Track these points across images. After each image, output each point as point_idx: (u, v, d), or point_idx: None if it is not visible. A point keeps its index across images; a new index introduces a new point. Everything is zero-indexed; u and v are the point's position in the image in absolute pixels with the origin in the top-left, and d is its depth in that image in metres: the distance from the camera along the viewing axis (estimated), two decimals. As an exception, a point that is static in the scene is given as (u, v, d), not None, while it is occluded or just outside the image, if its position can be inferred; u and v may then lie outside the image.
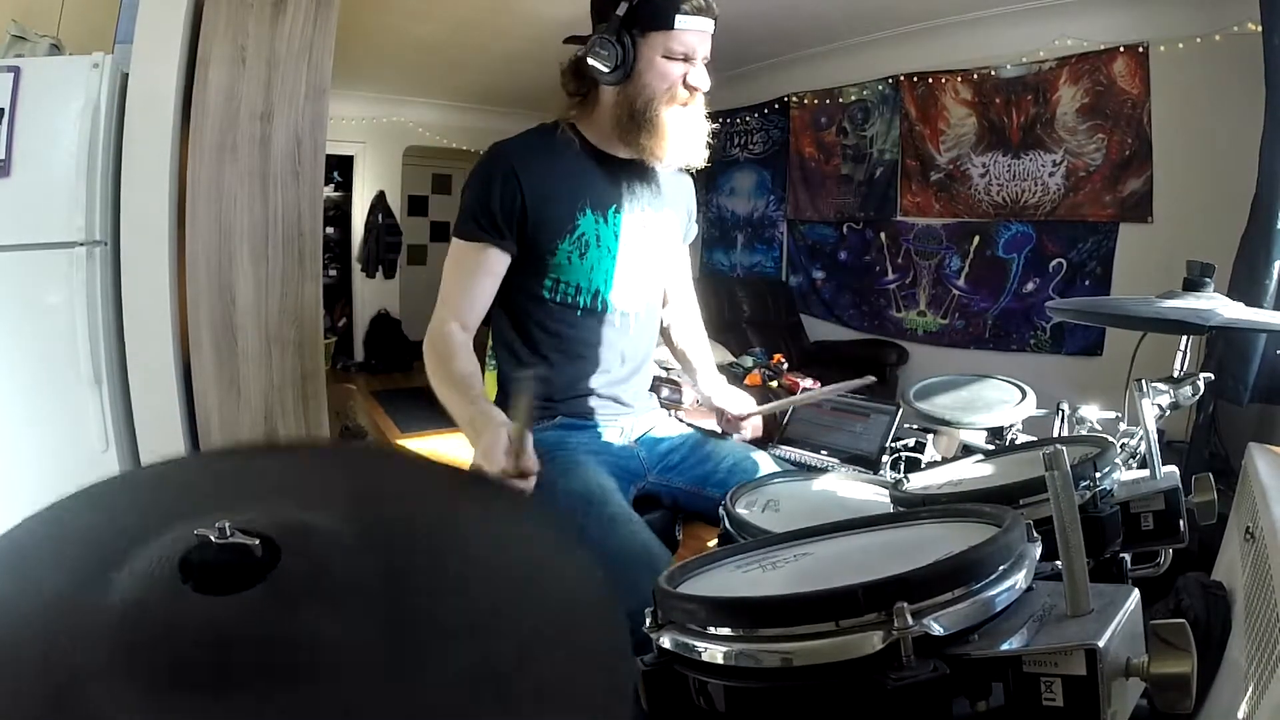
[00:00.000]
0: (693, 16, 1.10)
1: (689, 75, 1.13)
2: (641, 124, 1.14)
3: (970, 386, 1.41)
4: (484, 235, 1.16)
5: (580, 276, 1.21)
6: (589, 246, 1.20)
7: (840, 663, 0.49)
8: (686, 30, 1.10)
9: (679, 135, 1.16)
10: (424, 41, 4.07)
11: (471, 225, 1.16)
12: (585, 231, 1.20)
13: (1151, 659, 0.48)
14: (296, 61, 2.08)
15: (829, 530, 0.74)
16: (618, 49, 1.10)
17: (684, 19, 1.09)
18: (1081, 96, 3.22)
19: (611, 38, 1.10)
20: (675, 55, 1.12)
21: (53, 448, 1.95)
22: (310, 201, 2.15)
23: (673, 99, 1.14)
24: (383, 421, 4.44)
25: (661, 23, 1.09)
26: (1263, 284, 2.09)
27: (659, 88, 1.13)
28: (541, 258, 1.19)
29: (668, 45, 1.11)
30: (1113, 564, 0.84)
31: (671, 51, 1.11)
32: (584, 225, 1.20)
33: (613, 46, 1.10)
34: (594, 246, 1.21)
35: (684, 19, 1.09)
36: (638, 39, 1.11)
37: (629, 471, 1.24)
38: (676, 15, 1.09)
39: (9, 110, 1.86)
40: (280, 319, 2.13)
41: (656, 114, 1.14)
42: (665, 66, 1.12)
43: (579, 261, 1.20)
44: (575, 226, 1.19)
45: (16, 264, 1.89)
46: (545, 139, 1.21)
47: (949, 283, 3.83)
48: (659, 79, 1.12)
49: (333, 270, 5.91)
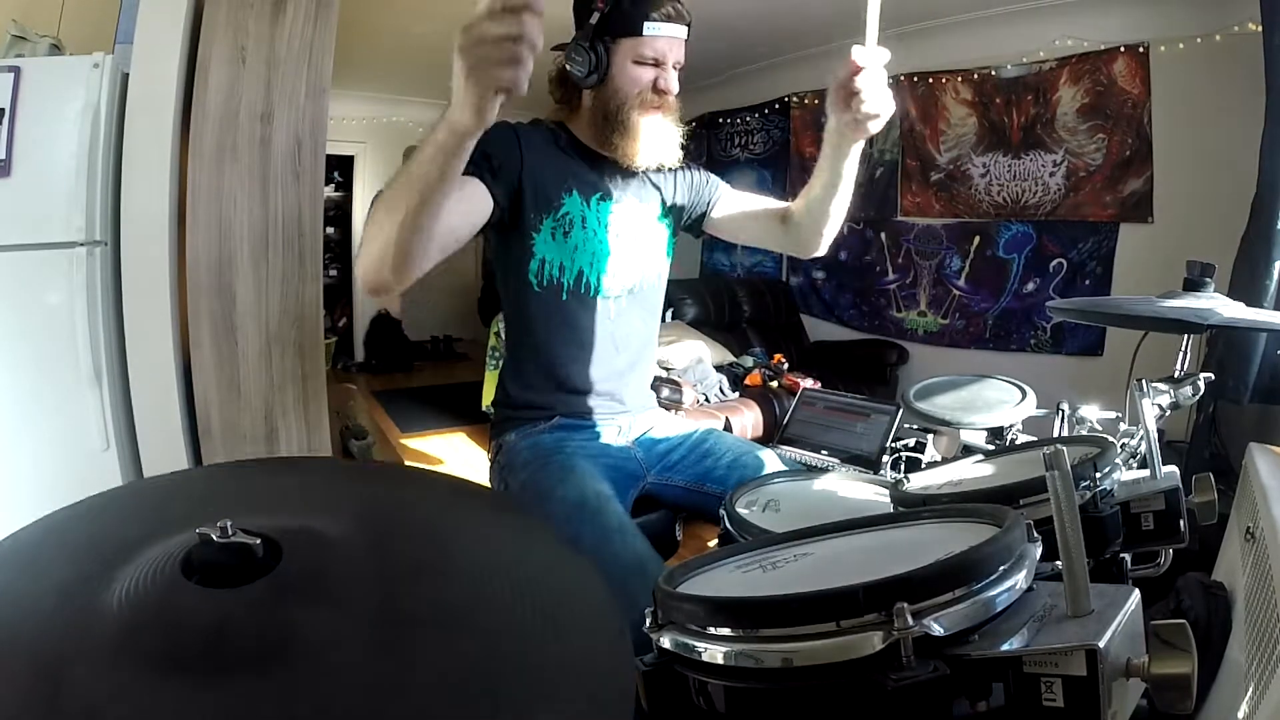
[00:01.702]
0: (661, 23, 1.15)
1: (659, 80, 1.18)
2: (615, 126, 1.19)
3: (970, 387, 1.41)
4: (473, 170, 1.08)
5: (563, 255, 1.23)
6: (573, 226, 1.22)
7: (840, 663, 0.49)
8: (656, 36, 1.15)
9: (650, 138, 1.20)
10: (424, 41, 4.05)
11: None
12: (570, 211, 1.22)
13: (1152, 659, 0.48)
14: (297, 61, 2.08)
15: (829, 530, 0.74)
16: (591, 55, 1.16)
17: (652, 25, 1.14)
18: (1082, 96, 3.22)
19: (586, 44, 1.15)
20: (645, 60, 1.17)
21: (53, 447, 1.95)
22: (311, 202, 2.15)
23: (644, 103, 1.19)
24: (383, 421, 4.44)
25: (631, 29, 1.15)
26: (1263, 284, 2.09)
27: (630, 92, 1.18)
28: (526, 235, 1.20)
29: (638, 51, 1.16)
30: (1113, 564, 0.84)
31: (641, 57, 1.17)
32: (569, 205, 1.22)
33: (586, 53, 1.16)
34: (578, 228, 1.23)
35: (652, 25, 1.14)
36: (610, 45, 1.16)
37: (628, 474, 1.24)
38: (645, 22, 1.14)
39: (9, 110, 1.86)
40: (280, 319, 2.13)
41: (628, 117, 1.19)
42: (635, 71, 1.18)
43: (562, 239, 1.22)
44: (560, 204, 1.21)
45: (16, 264, 1.89)
46: (536, 129, 1.25)
47: (949, 283, 3.83)
48: (629, 84, 1.18)
49: (333, 270, 5.90)
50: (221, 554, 0.36)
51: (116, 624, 0.33)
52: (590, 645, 0.40)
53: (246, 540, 0.36)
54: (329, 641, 0.34)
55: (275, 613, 0.35)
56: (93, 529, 0.45)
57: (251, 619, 0.34)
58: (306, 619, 0.35)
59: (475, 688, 0.35)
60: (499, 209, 1.14)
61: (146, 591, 0.35)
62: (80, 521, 0.46)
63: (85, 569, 0.38)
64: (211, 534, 0.36)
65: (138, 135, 1.96)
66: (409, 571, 0.40)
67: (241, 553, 0.36)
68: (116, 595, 0.35)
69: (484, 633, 0.38)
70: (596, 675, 0.38)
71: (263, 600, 0.35)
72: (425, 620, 0.37)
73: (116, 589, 0.35)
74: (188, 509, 0.45)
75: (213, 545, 0.36)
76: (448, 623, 0.38)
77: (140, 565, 0.36)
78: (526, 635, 0.39)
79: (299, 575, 0.36)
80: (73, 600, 0.36)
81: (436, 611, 0.38)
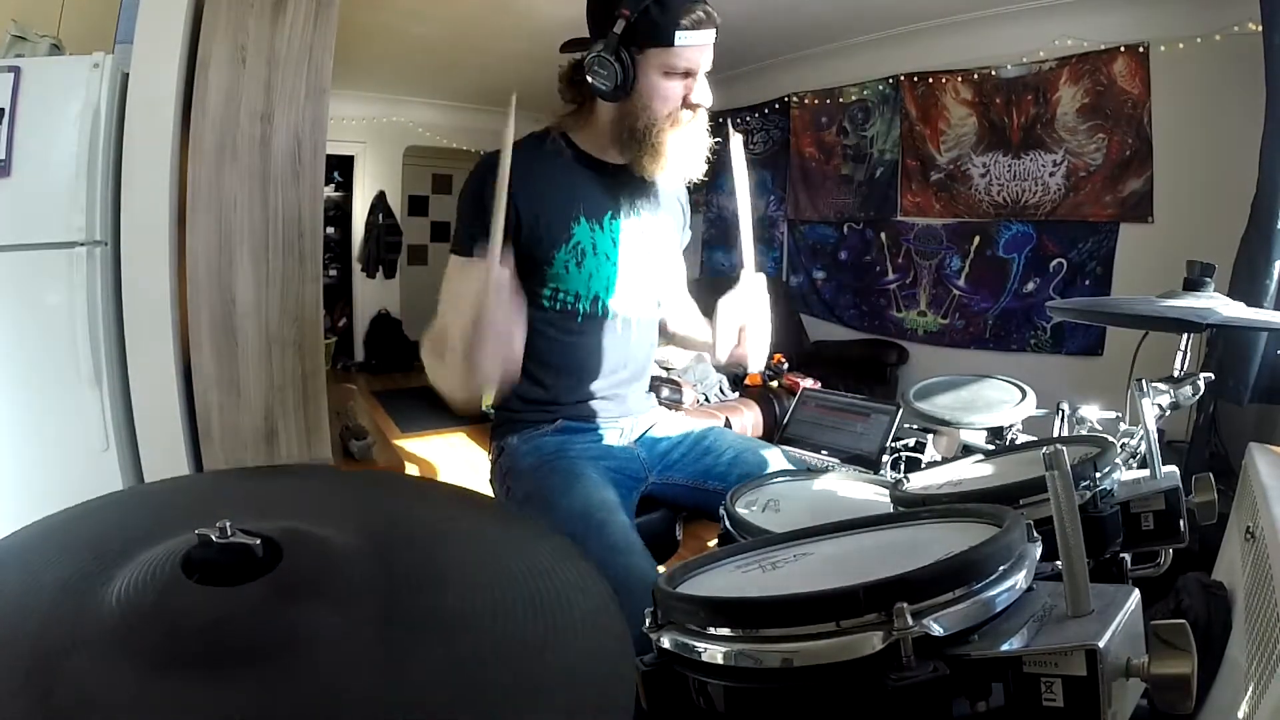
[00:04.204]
0: (693, 31, 1.06)
1: (691, 94, 1.11)
2: (643, 144, 1.12)
3: (970, 386, 1.41)
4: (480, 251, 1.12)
5: (579, 284, 1.20)
6: (585, 255, 1.19)
7: (840, 663, 0.49)
8: (687, 46, 1.06)
9: (679, 155, 1.14)
10: (424, 41, 4.07)
11: (468, 242, 1.12)
12: (581, 240, 1.19)
13: (1152, 659, 0.48)
14: (297, 61, 2.08)
15: (829, 530, 0.74)
16: (617, 68, 1.06)
17: (684, 34, 1.05)
18: (1082, 96, 3.22)
19: (610, 56, 1.06)
20: (676, 71, 1.09)
21: (53, 447, 1.95)
22: (310, 201, 2.15)
23: (675, 122, 1.11)
24: (383, 421, 4.44)
25: (661, 39, 1.05)
26: (1263, 284, 2.09)
27: (660, 112, 1.10)
28: (539, 267, 1.18)
29: (668, 62, 1.07)
30: (1113, 564, 0.84)
31: (672, 68, 1.08)
32: (579, 234, 1.19)
33: (612, 65, 1.06)
34: (591, 254, 1.20)
35: (684, 34, 1.05)
36: (636, 56, 1.07)
37: (630, 475, 1.24)
38: (677, 31, 1.05)
39: (9, 110, 1.86)
40: (280, 319, 2.13)
41: (659, 138, 1.11)
42: (666, 88, 1.09)
43: (576, 270, 1.19)
44: (571, 236, 1.18)
45: (16, 264, 1.89)
46: (534, 150, 1.18)
47: (949, 283, 3.83)
48: (660, 102, 1.10)
49: (333, 270, 5.91)
50: (221, 554, 0.36)
51: (114, 620, 0.33)
52: (590, 645, 0.40)
53: (246, 540, 0.36)
54: (327, 640, 0.34)
55: (274, 612, 0.35)
56: (92, 529, 0.45)
57: (250, 618, 0.34)
58: (305, 618, 0.35)
59: (475, 687, 0.35)
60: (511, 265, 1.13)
61: (145, 589, 0.35)
62: (80, 522, 0.46)
63: (84, 566, 0.38)
64: (211, 534, 0.36)
65: (138, 135, 1.96)
66: (408, 574, 0.40)
67: (241, 553, 0.36)
68: (115, 592, 0.35)
69: (484, 633, 0.38)
70: (597, 676, 0.38)
71: (261, 599, 0.35)
72: (425, 622, 0.37)
73: (115, 586, 0.35)
74: (187, 512, 0.45)
75: (212, 545, 0.36)
76: (447, 623, 0.38)
77: (139, 564, 0.37)
78: (527, 636, 0.39)
79: (298, 576, 0.36)
80: (71, 596, 0.36)
81: (436, 613, 0.38)
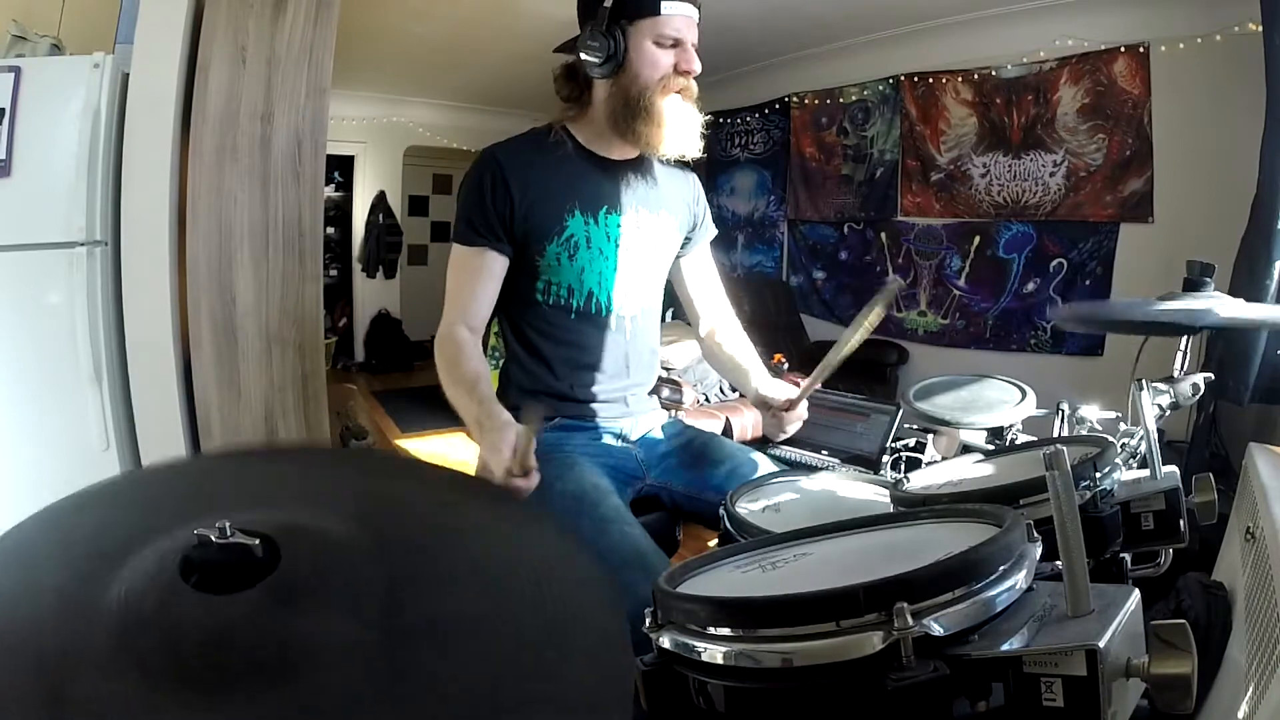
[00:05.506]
0: (677, 1, 1.12)
1: (680, 61, 1.15)
2: (638, 112, 1.15)
3: (970, 386, 1.41)
4: (480, 239, 1.17)
5: (570, 278, 1.21)
6: (578, 248, 1.20)
7: (840, 663, 0.49)
8: (673, 15, 1.12)
9: (675, 123, 1.16)
10: (424, 41, 4.06)
11: (468, 231, 1.17)
12: (574, 233, 1.20)
13: (1152, 659, 0.48)
14: (297, 61, 2.08)
15: (829, 530, 0.74)
16: (608, 41, 1.12)
17: (670, 4, 1.11)
18: (1082, 97, 3.22)
19: (601, 30, 1.12)
20: (665, 41, 1.14)
21: (53, 447, 1.95)
22: (311, 201, 2.15)
23: (667, 88, 1.15)
24: (383, 421, 4.44)
25: (649, 9, 1.11)
26: (1263, 284, 2.09)
27: (652, 76, 1.14)
28: (532, 259, 1.19)
29: (657, 31, 1.13)
30: (1113, 564, 0.84)
31: (661, 37, 1.13)
32: (573, 227, 1.19)
33: (603, 39, 1.12)
34: (584, 248, 1.20)
35: (670, 4, 1.11)
36: (626, 28, 1.13)
37: (627, 473, 1.24)
38: (662, 1, 1.11)
39: (9, 110, 1.86)
40: (280, 319, 2.13)
41: (652, 102, 1.15)
42: (656, 54, 1.14)
43: (568, 263, 1.20)
44: (563, 228, 1.19)
45: (16, 264, 1.89)
46: (535, 142, 1.22)
47: (949, 283, 3.83)
48: (651, 68, 1.14)
49: (333, 270, 5.91)
50: (220, 555, 0.36)
51: (116, 634, 0.33)
52: (591, 645, 0.40)
53: (245, 541, 0.36)
54: (329, 648, 0.34)
55: (277, 622, 0.35)
56: (89, 524, 0.45)
57: (253, 628, 0.34)
58: (306, 625, 0.35)
59: (475, 690, 0.35)
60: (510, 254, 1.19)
61: (144, 596, 0.35)
62: (76, 515, 0.45)
63: (82, 569, 0.38)
64: (210, 535, 0.36)
65: (138, 135, 1.96)
66: (409, 574, 0.40)
67: (240, 553, 0.36)
68: (115, 598, 0.35)
69: (485, 635, 0.38)
70: (596, 676, 0.38)
71: (263, 607, 0.35)
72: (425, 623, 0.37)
73: (115, 591, 0.35)
74: (185, 503, 0.45)
75: (211, 546, 0.36)
76: (448, 624, 0.38)
77: (138, 567, 0.36)
78: (527, 636, 0.39)
79: (298, 579, 0.36)
80: (71, 603, 0.36)
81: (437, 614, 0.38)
